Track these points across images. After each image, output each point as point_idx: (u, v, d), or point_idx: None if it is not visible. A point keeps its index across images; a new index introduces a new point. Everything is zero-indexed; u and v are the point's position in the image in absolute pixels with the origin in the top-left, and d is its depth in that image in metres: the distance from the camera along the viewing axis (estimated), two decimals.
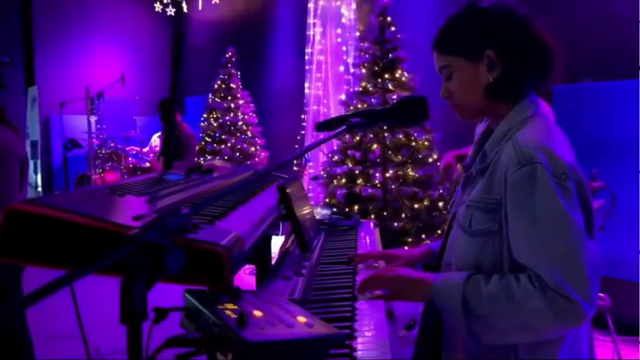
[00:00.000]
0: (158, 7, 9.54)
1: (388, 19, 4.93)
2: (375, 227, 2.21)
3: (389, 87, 4.87)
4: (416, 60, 4.78)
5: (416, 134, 4.76)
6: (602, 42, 3.90)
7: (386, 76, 4.89)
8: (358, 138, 4.91)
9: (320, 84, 6.68)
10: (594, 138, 3.68)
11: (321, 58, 6.67)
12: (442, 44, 1.29)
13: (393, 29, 4.92)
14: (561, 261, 1.08)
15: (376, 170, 4.77)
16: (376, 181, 4.74)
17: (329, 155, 5.18)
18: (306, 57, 6.78)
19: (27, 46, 8.88)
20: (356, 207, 4.66)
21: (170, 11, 9.60)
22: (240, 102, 7.48)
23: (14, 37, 8.64)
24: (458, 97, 1.29)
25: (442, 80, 1.32)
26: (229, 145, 7.27)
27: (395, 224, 4.58)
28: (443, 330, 1.27)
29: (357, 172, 4.81)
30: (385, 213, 4.64)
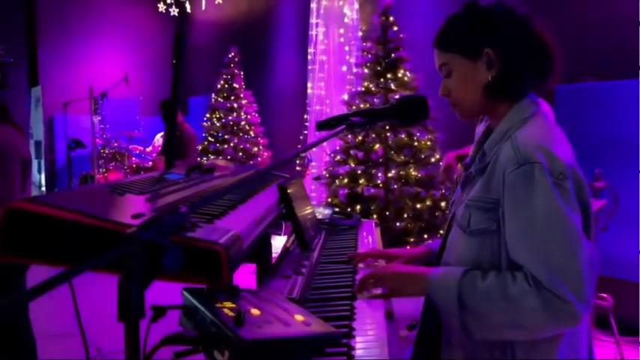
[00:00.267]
0: (161, 8, 9.56)
1: (391, 19, 4.92)
2: (376, 227, 2.20)
3: (391, 87, 4.86)
4: (418, 60, 4.78)
5: (418, 134, 4.76)
6: (604, 41, 3.89)
7: (388, 76, 4.89)
8: (360, 138, 4.90)
9: (322, 84, 6.68)
10: (596, 138, 3.66)
11: (324, 58, 6.67)
12: (442, 41, 1.30)
13: (396, 29, 4.91)
14: (557, 261, 1.08)
15: (378, 170, 4.76)
16: (378, 181, 4.74)
17: (331, 155, 5.18)
18: (308, 57, 6.78)
19: (31, 47, 8.91)
20: (358, 207, 4.66)
21: (173, 11, 9.61)
22: (242, 102, 7.48)
23: (18, 38, 8.66)
24: (456, 95, 1.29)
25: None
26: (232, 145, 7.27)
27: (397, 224, 4.57)
28: (442, 329, 1.27)
29: (360, 172, 4.80)
30: (387, 213, 4.64)
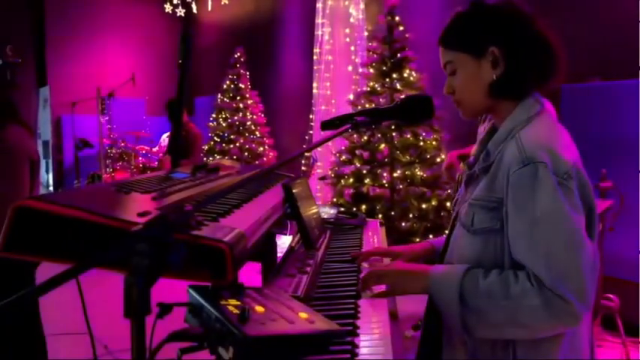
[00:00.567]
0: (168, 8, 9.59)
1: (396, 19, 4.92)
2: (381, 226, 2.20)
3: (397, 87, 4.86)
4: (424, 60, 4.77)
5: (424, 134, 4.76)
6: (610, 41, 3.88)
7: (394, 76, 4.89)
8: (366, 138, 4.91)
9: (328, 84, 6.68)
10: (602, 137, 3.65)
11: (330, 58, 6.67)
12: (447, 39, 1.30)
13: (402, 29, 4.91)
14: (559, 261, 1.08)
15: (384, 170, 4.76)
16: (384, 181, 4.74)
17: (337, 155, 5.19)
18: (314, 57, 6.78)
19: (38, 47, 8.96)
20: (363, 207, 4.66)
21: (180, 12, 9.64)
22: (248, 102, 7.50)
23: (26, 38, 8.71)
24: (461, 93, 1.29)
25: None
26: (238, 145, 7.29)
27: (402, 224, 4.57)
28: (443, 329, 1.28)
29: (365, 172, 4.81)
30: (393, 213, 4.64)
